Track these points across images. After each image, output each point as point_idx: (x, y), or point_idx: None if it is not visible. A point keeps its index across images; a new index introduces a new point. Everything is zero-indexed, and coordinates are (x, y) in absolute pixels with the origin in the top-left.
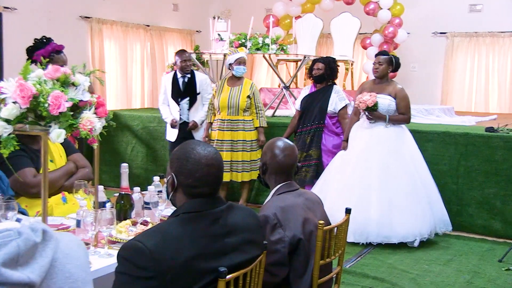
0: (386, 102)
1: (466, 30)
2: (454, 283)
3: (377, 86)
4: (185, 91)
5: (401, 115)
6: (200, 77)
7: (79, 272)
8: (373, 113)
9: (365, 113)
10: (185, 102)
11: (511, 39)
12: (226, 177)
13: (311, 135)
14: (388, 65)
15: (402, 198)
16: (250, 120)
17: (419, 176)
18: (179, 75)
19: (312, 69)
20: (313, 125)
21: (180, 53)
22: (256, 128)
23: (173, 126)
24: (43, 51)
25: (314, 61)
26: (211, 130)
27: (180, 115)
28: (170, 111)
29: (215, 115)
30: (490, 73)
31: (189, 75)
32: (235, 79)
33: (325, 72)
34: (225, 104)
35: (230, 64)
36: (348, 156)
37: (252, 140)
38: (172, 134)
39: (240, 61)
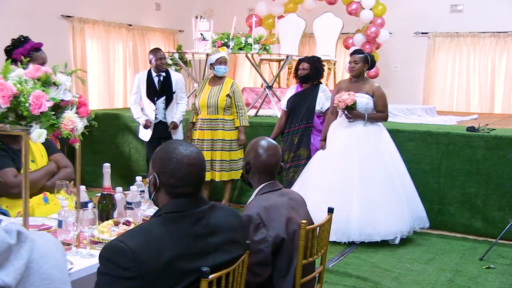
0: (364, 101)
1: (447, 30)
2: (435, 282)
3: (354, 85)
4: (161, 90)
5: (380, 113)
6: (175, 76)
7: (56, 272)
8: (352, 112)
9: (344, 112)
10: (161, 101)
11: (491, 39)
12: (207, 176)
13: (299, 135)
14: (364, 63)
15: (383, 197)
16: (230, 120)
17: (397, 174)
18: (153, 73)
19: (298, 69)
20: (301, 124)
21: (155, 51)
22: (237, 127)
23: (147, 127)
24: (22, 49)
25: (300, 61)
26: (193, 129)
27: (156, 114)
28: (145, 110)
29: (197, 114)
30: (471, 73)
31: (164, 74)
32: (217, 79)
33: (310, 72)
34: (205, 104)
35: (211, 64)
36: (327, 156)
37: (231, 140)
38: (145, 134)
39: (221, 61)
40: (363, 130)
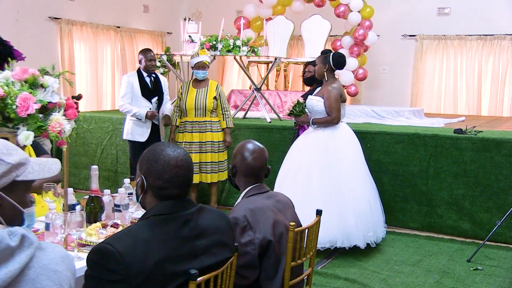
0: (313, 103)
1: (434, 33)
2: (423, 283)
3: (322, 87)
4: (154, 89)
5: (326, 117)
6: (162, 78)
7: (52, 286)
8: (296, 118)
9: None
10: (154, 101)
11: (478, 42)
12: (196, 178)
13: (295, 136)
14: (323, 64)
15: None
16: (217, 121)
17: (342, 182)
18: (144, 74)
19: (305, 72)
20: (296, 125)
21: (145, 51)
22: (223, 129)
23: (153, 116)
24: None
25: (306, 64)
26: (178, 132)
27: None
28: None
29: (181, 117)
30: (458, 75)
31: (153, 75)
32: (200, 81)
33: (315, 75)
34: (192, 106)
35: (192, 67)
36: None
37: (219, 141)
38: (141, 134)
39: (199, 66)
40: (312, 136)
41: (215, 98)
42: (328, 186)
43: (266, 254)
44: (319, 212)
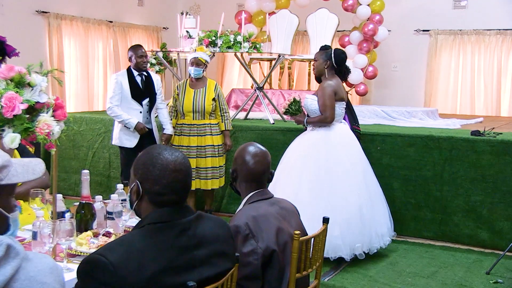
0: (308, 102)
1: (450, 27)
2: None
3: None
4: (145, 90)
5: (319, 115)
6: (155, 77)
7: None
8: (292, 117)
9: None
10: (145, 103)
11: (497, 37)
12: (192, 185)
13: None
14: (324, 60)
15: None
16: (216, 124)
17: (330, 191)
18: (135, 73)
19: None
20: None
21: (135, 48)
22: (222, 131)
23: (142, 131)
24: None
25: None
26: (174, 134)
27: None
28: (127, 114)
29: (176, 118)
30: (476, 73)
31: (145, 73)
32: (197, 81)
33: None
34: (190, 109)
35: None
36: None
37: (219, 145)
38: (130, 139)
39: (193, 62)
40: (306, 137)
41: (213, 99)
42: (317, 193)
43: (269, 264)
44: (325, 220)
